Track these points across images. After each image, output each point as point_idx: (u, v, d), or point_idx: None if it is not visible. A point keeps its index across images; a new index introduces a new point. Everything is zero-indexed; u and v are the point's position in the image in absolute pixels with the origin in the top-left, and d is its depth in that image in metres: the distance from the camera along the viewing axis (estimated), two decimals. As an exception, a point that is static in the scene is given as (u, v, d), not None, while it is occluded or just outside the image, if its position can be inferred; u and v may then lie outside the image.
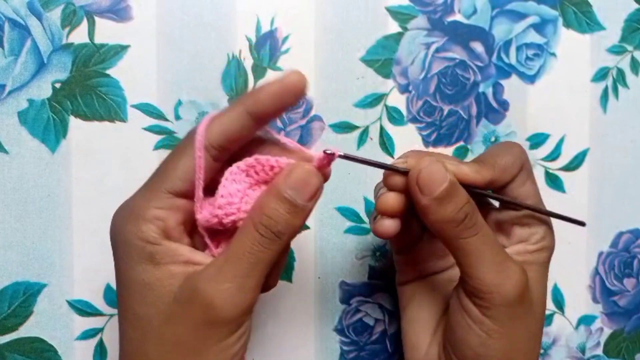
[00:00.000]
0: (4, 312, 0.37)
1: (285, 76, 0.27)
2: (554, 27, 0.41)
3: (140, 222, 0.27)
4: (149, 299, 0.27)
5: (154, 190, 0.28)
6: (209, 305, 0.27)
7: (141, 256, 0.27)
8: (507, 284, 0.29)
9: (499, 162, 0.31)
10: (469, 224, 0.29)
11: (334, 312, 0.40)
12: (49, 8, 0.36)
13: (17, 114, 0.36)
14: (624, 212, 0.43)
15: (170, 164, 0.28)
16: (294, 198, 0.27)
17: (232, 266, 0.27)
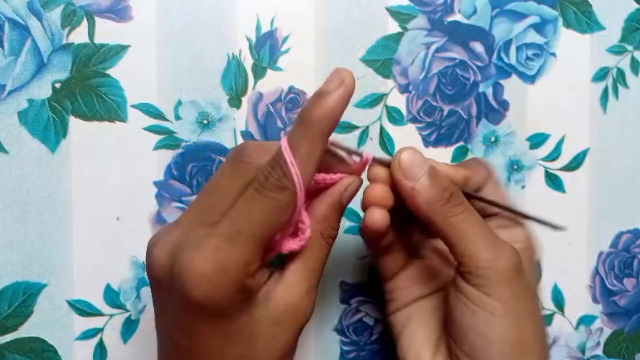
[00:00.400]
0: (4, 312, 0.37)
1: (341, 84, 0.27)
2: (554, 27, 0.41)
3: (246, 280, 0.27)
4: (251, 334, 0.28)
5: (250, 244, 0.26)
6: (305, 314, 0.29)
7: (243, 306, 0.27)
8: (502, 259, 0.29)
9: (469, 165, 0.33)
10: (456, 201, 0.30)
11: (334, 312, 0.40)
12: (49, 8, 0.36)
13: (17, 114, 0.36)
14: (624, 212, 0.43)
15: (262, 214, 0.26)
16: (346, 206, 0.30)
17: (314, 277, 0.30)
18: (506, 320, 0.29)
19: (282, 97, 0.39)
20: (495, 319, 0.29)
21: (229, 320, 0.27)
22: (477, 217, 0.30)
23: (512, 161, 0.41)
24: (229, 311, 0.27)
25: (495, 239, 0.30)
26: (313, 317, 0.40)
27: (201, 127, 0.38)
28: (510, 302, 0.29)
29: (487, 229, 0.30)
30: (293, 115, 0.39)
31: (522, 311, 0.30)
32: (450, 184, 0.30)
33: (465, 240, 0.29)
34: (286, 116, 0.39)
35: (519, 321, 0.29)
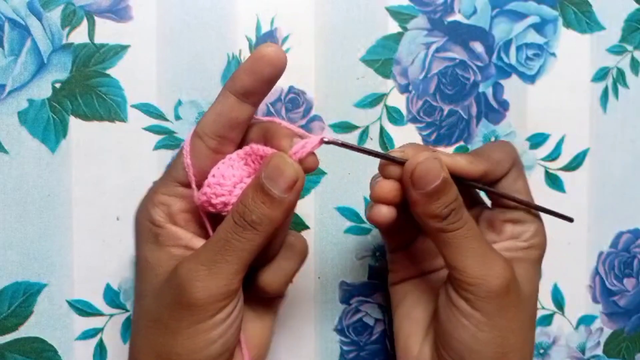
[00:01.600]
0: (4, 312, 0.37)
1: (257, 49, 0.28)
2: (554, 27, 0.41)
3: (149, 206, 0.30)
4: (148, 276, 0.30)
5: (163, 179, 0.31)
6: (181, 286, 0.28)
7: (148, 236, 0.30)
8: (491, 275, 0.29)
9: (492, 156, 0.32)
10: (453, 220, 0.29)
11: (334, 312, 0.40)
12: (49, 8, 0.36)
13: (17, 114, 0.36)
14: (624, 212, 0.43)
15: (178, 156, 0.30)
16: (269, 188, 0.27)
17: (207, 251, 0.28)
18: (490, 335, 0.30)
19: (282, 97, 0.39)
20: (479, 333, 0.30)
21: (139, 248, 0.32)
22: (472, 233, 0.30)
23: (512, 161, 0.41)
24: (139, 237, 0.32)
25: (487, 254, 0.30)
26: (313, 317, 0.40)
27: (201, 127, 0.38)
28: (496, 317, 0.30)
29: (480, 243, 0.30)
30: (293, 115, 0.39)
31: (507, 325, 0.30)
32: (454, 200, 0.29)
33: (456, 254, 0.29)
34: (286, 116, 0.39)
35: (502, 335, 0.30)
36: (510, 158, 0.32)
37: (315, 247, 0.39)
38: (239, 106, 0.29)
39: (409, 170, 0.29)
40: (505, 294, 0.30)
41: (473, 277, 0.29)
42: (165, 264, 0.30)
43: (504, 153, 0.32)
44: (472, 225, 0.30)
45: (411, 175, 0.29)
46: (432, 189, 0.29)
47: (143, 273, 0.31)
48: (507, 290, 0.30)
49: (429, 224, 0.29)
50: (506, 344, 0.30)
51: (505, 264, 0.30)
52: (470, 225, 0.30)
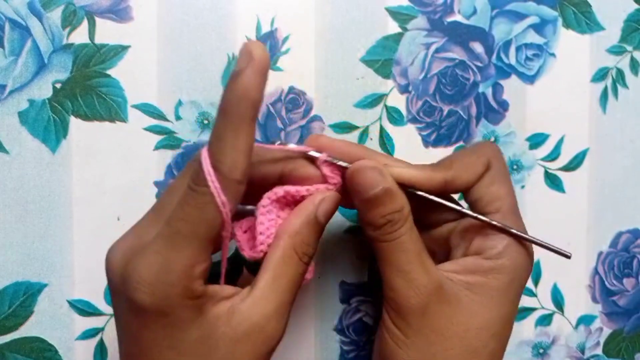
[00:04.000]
0: (4, 312, 0.37)
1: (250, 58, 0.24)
2: (553, 27, 0.41)
3: (190, 282, 0.25)
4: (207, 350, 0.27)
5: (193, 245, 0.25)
6: (273, 336, 0.28)
7: (193, 314, 0.26)
8: (411, 293, 0.29)
9: (459, 161, 0.30)
10: (387, 230, 0.29)
11: (334, 311, 0.40)
12: (49, 8, 0.36)
13: (17, 114, 0.36)
14: (624, 212, 0.43)
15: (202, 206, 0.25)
16: (323, 223, 0.29)
17: (285, 296, 0.28)
18: (405, 353, 0.29)
19: (282, 98, 0.39)
20: (398, 351, 0.29)
21: (179, 330, 0.26)
22: (403, 247, 0.29)
23: (511, 161, 0.41)
24: (178, 319, 0.26)
25: (412, 272, 0.29)
26: (313, 317, 0.40)
27: (202, 127, 0.38)
28: (413, 337, 0.29)
29: (410, 259, 0.29)
30: (293, 116, 0.39)
31: (427, 349, 0.29)
32: (396, 212, 0.28)
33: (383, 266, 0.29)
34: (286, 116, 0.39)
35: (420, 357, 0.29)
36: (484, 159, 0.30)
37: (315, 247, 0.39)
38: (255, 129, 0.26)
39: (349, 175, 0.29)
40: (421, 315, 0.29)
41: (394, 292, 0.29)
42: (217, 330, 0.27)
43: (475, 156, 0.30)
44: (408, 239, 0.29)
45: (351, 180, 0.29)
46: (368, 198, 0.28)
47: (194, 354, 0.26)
48: (423, 312, 0.29)
49: (366, 231, 0.30)
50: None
51: (428, 284, 0.28)
52: (404, 239, 0.29)
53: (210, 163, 0.25)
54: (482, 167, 0.30)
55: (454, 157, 0.31)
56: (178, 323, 0.26)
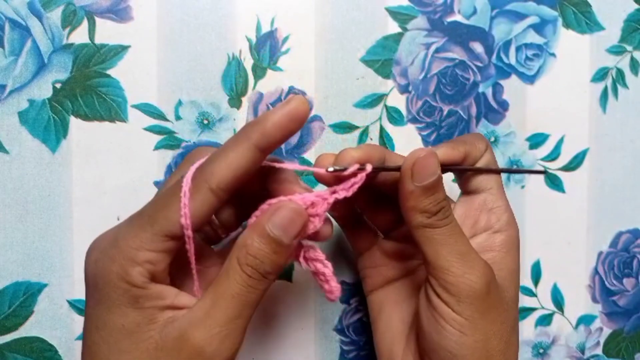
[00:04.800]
0: (5, 312, 0.37)
1: (289, 103, 0.26)
2: (553, 27, 0.41)
3: (129, 265, 0.25)
4: (125, 345, 0.26)
5: (148, 231, 0.26)
6: (200, 353, 0.26)
7: (123, 299, 0.26)
8: (473, 274, 0.29)
9: (467, 140, 0.32)
10: (441, 217, 0.29)
11: (334, 312, 0.40)
12: (49, 8, 0.36)
13: (17, 114, 0.36)
14: (624, 212, 0.43)
15: (168, 205, 0.26)
16: (278, 236, 0.26)
17: (221, 310, 0.26)
18: (474, 338, 0.29)
19: (282, 97, 0.39)
20: (464, 338, 0.29)
21: (107, 311, 0.26)
22: (455, 231, 0.30)
23: (511, 161, 0.41)
24: (108, 299, 0.26)
25: (469, 254, 0.30)
26: (313, 317, 0.40)
27: (201, 127, 0.38)
28: (479, 320, 0.29)
29: (463, 242, 0.30)
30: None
31: (490, 328, 0.30)
32: (444, 199, 0.29)
33: (438, 252, 0.29)
34: (286, 116, 0.39)
35: (484, 338, 0.29)
36: (484, 141, 0.33)
37: (315, 247, 0.39)
38: (259, 159, 0.26)
39: (410, 164, 0.29)
40: (487, 294, 0.29)
41: (455, 276, 0.29)
42: (147, 329, 0.26)
43: (477, 137, 0.33)
44: (456, 224, 0.30)
45: (412, 167, 0.29)
46: (429, 183, 0.29)
47: (115, 342, 0.26)
48: (488, 290, 0.29)
49: (417, 219, 0.29)
50: (490, 347, 0.30)
51: (485, 264, 0.30)
52: (455, 224, 0.30)
53: (199, 164, 0.26)
54: (484, 147, 0.33)
55: (461, 137, 0.33)
56: (108, 303, 0.26)
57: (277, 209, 0.27)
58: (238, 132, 0.27)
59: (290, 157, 0.39)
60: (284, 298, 0.39)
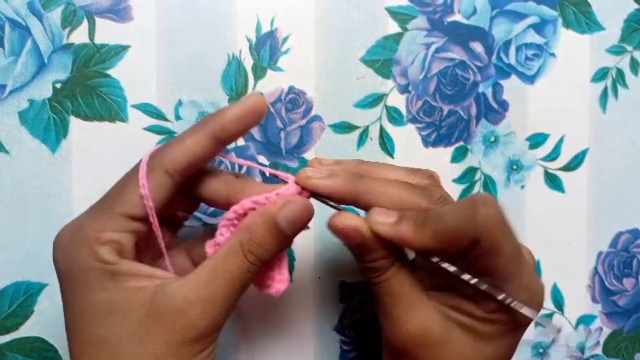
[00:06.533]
0: (5, 312, 0.37)
1: (246, 99, 0.28)
2: (553, 27, 0.41)
3: (96, 245, 0.26)
4: (116, 319, 0.26)
5: (108, 213, 0.27)
6: (193, 327, 0.26)
7: (101, 277, 0.26)
8: (395, 335, 0.30)
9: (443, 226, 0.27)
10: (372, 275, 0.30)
11: (334, 311, 0.40)
12: (49, 8, 0.36)
13: (17, 114, 0.36)
14: (623, 212, 0.43)
15: (126, 188, 0.28)
16: (284, 228, 0.28)
17: (218, 289, 0.27)
18: None
19: (282, 97, 0.39)
20: None
21: (87, 291, 0.27)
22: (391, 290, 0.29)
23: (511, 161, 0.41)
24: (86, 280, 0.26)
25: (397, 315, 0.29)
26: (313, 316, 0.40)
27: (201, 127, 0.38)
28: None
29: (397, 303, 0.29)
30: (293, 116, 0.39)
31: None
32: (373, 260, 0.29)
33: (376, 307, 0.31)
34: (286, 116, 0.39)
35: None
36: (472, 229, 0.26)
37: (315, 247, 0.39)
38: (215, 148, 0.28)
39: (329, 226, 0.29)
40: (405, 356, 0.30)
41: (382, 330, 0.30)
42: (135, 300, 0.26)
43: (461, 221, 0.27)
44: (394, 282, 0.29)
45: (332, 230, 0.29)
46: (350, 247, 0.29)
47: (104, 317, 0.26)
48: (406, 353, 0.29)
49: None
50: None
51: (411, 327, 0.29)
52: (391, 282, 0.29)
53: (155, 149, 0.28)
54: (466, 241, 0.27)
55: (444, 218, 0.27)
56: (87, 283, 0.27)
57: (289, 201, 0.28)
58: (197, 122, 0.29)
59: (290, 156, 0.39)
60: (284, 298, 0.39)
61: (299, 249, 0.39)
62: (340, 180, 0.29)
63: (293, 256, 0.39)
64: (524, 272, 0.28)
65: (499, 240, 0.27)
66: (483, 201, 0.26)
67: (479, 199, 0.27)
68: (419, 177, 0.31)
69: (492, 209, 0.26)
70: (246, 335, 0.39)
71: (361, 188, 0.29)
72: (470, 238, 0.26)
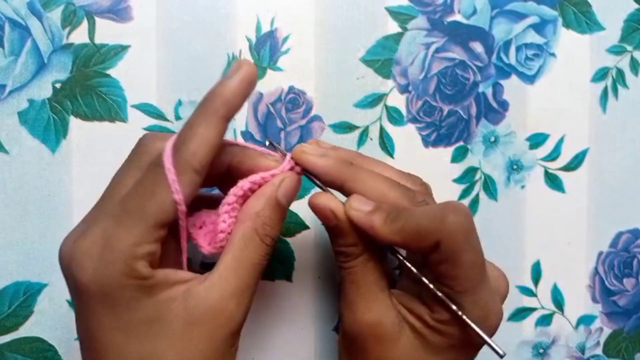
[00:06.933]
0: (4, 312, 0.37)
1: (238, 68, 0.27)
2: (553, 27, 0.41)
3: (132, 262, 0.25)
4: (157, 332, 0.26)
5: (141, 225, 0.26)
6: (231, 319, 0.27)
7: (137, 294, 0.26)
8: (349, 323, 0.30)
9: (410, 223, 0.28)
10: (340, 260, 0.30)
11: (334, 312, 0.40)
12: (49, 8, 0.36)
13: (17, 114, 0.36)
14: (624, 212, 0.43)
15: (155, 194, 0.26)
16: (285, 204, 0.29)
17: (245, 278, 0.28)
18: None
19: (282, 97, 0.39)
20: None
21: (125, 311, 0.26)
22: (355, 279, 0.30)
23: (511, 161, 0.41)
24: (121, 299, 0.26)
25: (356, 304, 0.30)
26: (313, 316, 0.40)
27: (201, 127, 0.38)
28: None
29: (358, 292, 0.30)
30: (293, 116, 0.39)
31: None
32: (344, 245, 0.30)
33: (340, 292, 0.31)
34: (286, 116, 0.39)
35: None
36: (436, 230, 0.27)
37: (315, 247, 0.39)
38: (225, 128, 0.27)
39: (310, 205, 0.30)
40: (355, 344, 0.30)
41: (340, 315, 0.31)
42: (171, 309, 0.26)
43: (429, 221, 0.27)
44: (359, 271, 0.30)
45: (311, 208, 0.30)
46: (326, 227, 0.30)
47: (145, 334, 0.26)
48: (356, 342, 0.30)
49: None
50: None
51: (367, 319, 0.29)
52: (356, 270, 0.30)
53: (172, 146, 0.26)
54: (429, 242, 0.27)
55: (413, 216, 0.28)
56: (123, 303, 0.26)
57: (283, 179, 0.29)
58: (200, 106, 0.27)
59: (290, 157, 0.39)
60: (284, 298, 0.39)
61: (299, 249, 0.39)
62: (331, 162, 0.30)
63: (293, 256, 0.39)
64: (483, 291, 0.28)
65: (460, 248, 0.27)
66: (455, 208, 0.27)
67: (451, 205, 0.27)
68: (410, 182, 0.31)
69: (462, 217, 0.27)
70: (246, 335, 0.39)
71: (349, 175, 0.30)
72: (433, 240, 0.27)
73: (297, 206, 0.39)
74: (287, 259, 0.39)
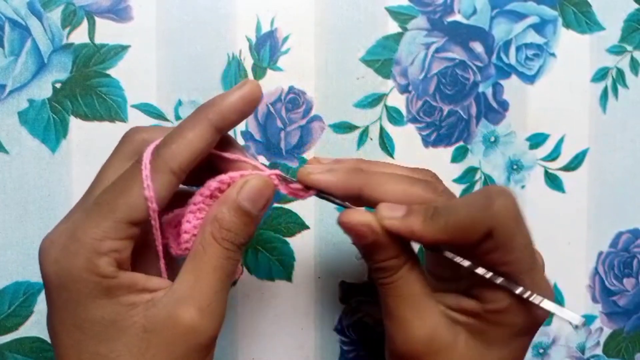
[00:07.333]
0: (4, 312, 0.37)
1: (243, 86, 0.27)
2: (553, 27, 0.41)
3: (94, 257, 0.25)
4: (113, 335, 0.25)
5: (109, 219, 0.25)
6: (192, 329, 0.26)
7: (95, 292, 0.25)
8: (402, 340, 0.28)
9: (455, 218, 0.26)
10: (381, 275, 0.28)
11: (334, 312, 0.40)
12: (49, 8, 0.36)
13: (17, 114, 0.36)
14: (624, 212, 0.43)
15: (127, 190, 0.26)
16: (249, 209, 0.27)
17: (206, 284, 0.26)
18: None
19: (282, 97, 0.39)
20: None
21: (82, 308, 0.25)
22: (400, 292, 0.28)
23: (511, 161, 0.41)
24: (80, 295, 0.25)
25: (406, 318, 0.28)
26: (313, 316, 0.40)
27: (201, 127, 0.38)
28: None
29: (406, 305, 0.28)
30: (293, 116, 0.39)
31: None
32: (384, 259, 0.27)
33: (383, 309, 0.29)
34: (286, 116, 0.39)
35: None
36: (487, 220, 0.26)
37: (315, 247, 0.39)
38: (216, 139, 0.27)
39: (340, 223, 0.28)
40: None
41: (388, 334, 0.29)
42: (130, 315, 0.25)
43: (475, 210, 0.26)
44: (404, 283, 0.28)
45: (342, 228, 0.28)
46: (360, 246, 0.28)
47: (100, 334, 0.25)
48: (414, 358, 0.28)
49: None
50: None
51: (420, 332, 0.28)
52: (400, 283, 0.28)
53: (156, 145, 0.26)
54: (479, 234, 0.26)
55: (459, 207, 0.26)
56: (80, 299, 0.25)
57: (245, 181, 0.27)
58: (194, 112, 0.27)
59: (290, 156, 0.39)
60: (284, 298, 0.39)
61: (299, 249, 0.39)
62: (341, 174, 0.28)
63: (293, 256, 0.39)
64: (537, 271, 0.27)
65: (514, 232, 0.26)
66: (500, 192, 0.26)
67: (495, 190, 0.26)
68: (422, 175, 0.30)
69: (510, 200, 0.26)
70: (246, 335, 0.39)
71: (363, 181, 0.28)
72: (484, 229, 0.25)
73: (297, 206, 0.39)
74: (287, 259, 0.39)
